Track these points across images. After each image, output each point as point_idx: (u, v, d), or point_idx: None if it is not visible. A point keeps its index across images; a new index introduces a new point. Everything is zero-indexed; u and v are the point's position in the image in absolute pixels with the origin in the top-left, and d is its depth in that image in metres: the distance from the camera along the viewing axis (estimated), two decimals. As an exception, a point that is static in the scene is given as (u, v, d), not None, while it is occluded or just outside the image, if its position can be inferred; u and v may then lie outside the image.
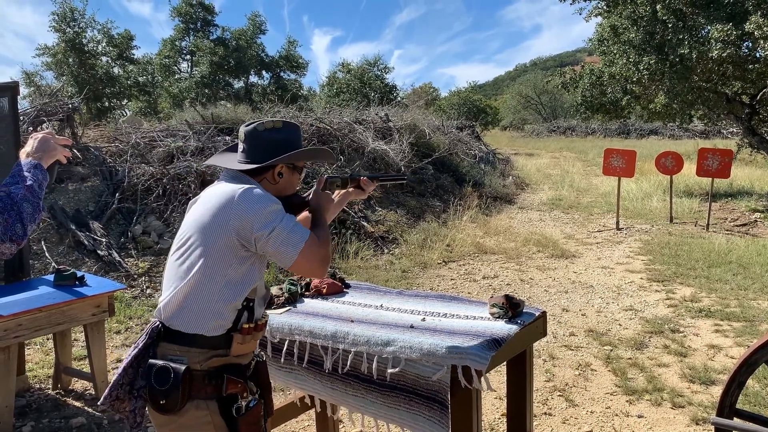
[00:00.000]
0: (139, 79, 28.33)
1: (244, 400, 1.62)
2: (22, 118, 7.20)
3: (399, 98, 26.34)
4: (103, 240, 6.16)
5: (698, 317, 5.11)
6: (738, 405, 2.44)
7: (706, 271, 6.58)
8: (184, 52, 31.65)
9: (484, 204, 10.69)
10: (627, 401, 3.61)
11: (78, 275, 3.49)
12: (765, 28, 8.99)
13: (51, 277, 3.56)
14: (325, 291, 2.50)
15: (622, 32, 11.46)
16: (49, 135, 1.67)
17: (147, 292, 5.68)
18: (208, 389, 1.57)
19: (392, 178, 2.35)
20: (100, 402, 1.66)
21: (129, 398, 1.63)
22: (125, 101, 28.88)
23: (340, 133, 10.37)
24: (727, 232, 8.92)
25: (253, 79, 32.16)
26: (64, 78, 24.78)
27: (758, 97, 12.14)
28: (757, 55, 10.37)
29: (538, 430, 3.29)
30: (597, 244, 8.33)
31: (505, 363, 2.16)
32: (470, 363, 1.82)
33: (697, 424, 3.31)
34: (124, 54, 27.76)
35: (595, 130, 34.52)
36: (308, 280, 2.56)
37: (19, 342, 3.16)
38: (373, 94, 25.61)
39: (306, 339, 2.18)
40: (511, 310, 2.08)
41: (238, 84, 31.78)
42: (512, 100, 48.86)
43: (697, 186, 12.30)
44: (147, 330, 1.63)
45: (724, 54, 9.65)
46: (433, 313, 2.21)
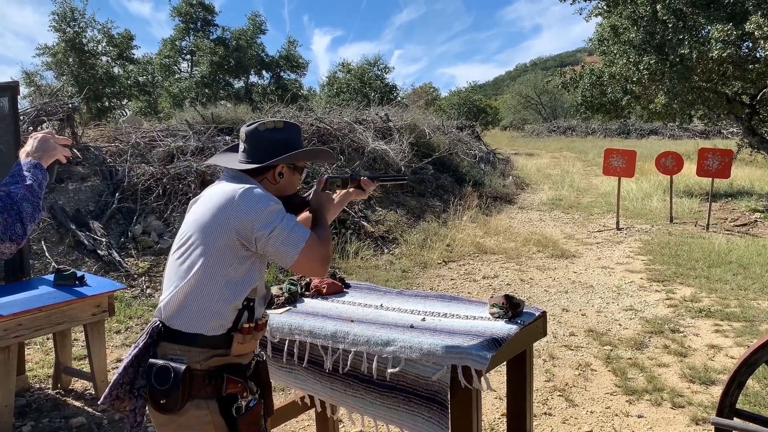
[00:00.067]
0: (139, 78, 28.35)
1: (244, 400, 1.62)
2: (22, 117, 7.20)
3: (399, 98, 26.33)
4: (103, 240, 6.16)
5: (698, 317, 5.11)
6: (738, 405, 2.44)
7: (706, 271, 6.58)
8: (184, 51, 31.67)
9: (484, 204, 10.69)
10: (627, 401, 3.61)
11: (78, 275, 3.49)
12: (765, 28, 8.99)
13: (51, 276, 3.56)
14: (325, 291, 2.50)
15: (622, 32, 11.47)
16: (48, 135, 1.67)
17: (147, 291, 5.68)
18: (209, 389, 1.57)
19: (393, 178, 2.34)
20: (100, 401, 1.66)
21: (129, 398, 1.63)
22: (125, 101, 28.89)
23: (340, 133, 10.37)
24: (727, 232, 8.92)
25: (253, 79, 32.20)
26: (64, 78, 24.81)
27: (758, 97, 12.14)
28: (758, 55, 10.37)
29: (538, 430, 3.29)
30: (597, 244, 8.33)
31: (505, 363, 2.16)
32: (470, 363, 1.82)
33: (697, 424, 3.31)
34: (124, 54, 27.78)
35: (595, 130, 34.53)
36: (308, 279, 2.56)
37: (19, 342, 3.16)
38: (373, 94, 25.61)
39: (306, 339, 2.18)
40: (511, 310, 2.08)
41: (238, 84, 31.80)
42: (512, 100, 48.86)
43: (697, 186, 12.30)
44: (147, 329, 1.63)
45: (725, 54, 9.65)
46: (433, 313, 2.21)
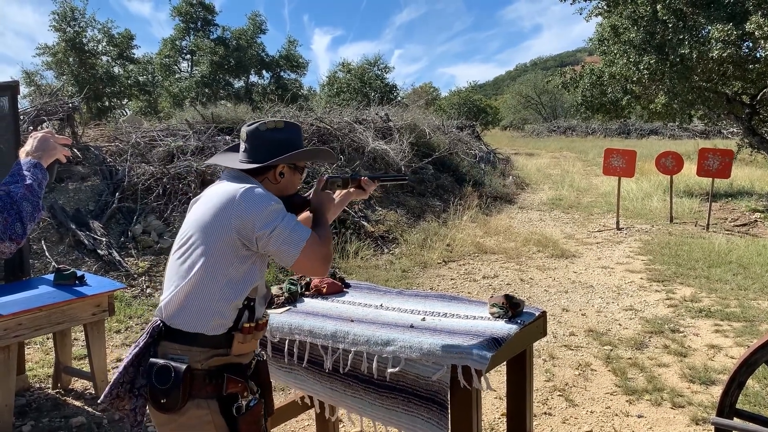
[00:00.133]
0: (140, 78, 28.36)
1: (244, 400, 1.62)
2: (22, 117, 7.20)
3: (399, 98, 26.32)
4: (103, 239, 6.16)
5: (698, 317, 5.11)
6: (738, 405, 2.44)
7: (706, 271, 6.58)
8: (185, 51, 31.67)
9: (484, 204, 10.69)
10: (627, 401, 3.61)
11: (78, 275, 3.49)
12: (765, 28, 8.99)
13: (51, 276, 3.56)
14: (325, 290, 2.50)
15: (622, 32, 11.46)
16: (48, 134, 1.66)
17: (147, 291, 5.68)
18: (209, 388, 1.57)
19: (393, 178, 2.34)
20: (100, 400, 1.66)
21: (129, 397, 1.63)
22: (125, 101, 28.90)
23: (341, 132, 10.36)
24: (727, 232, 8.92)
25: (254, 78, 32.20)
26: (65, 77, 24.81)
27: (758, 97, 12.14)
28: (758, 55, 10.37)
29: (538, 429, 3.29)
30: (597, 244, 8.33)
31: (505, 363, 2.16)
32: (470, 363, 1.81)
33: (697, 424, 3.31)
34: (124, 53, 27.79)
35: (595, 130, 34.52)
36: (308, 279, 2.56)
37: (19, 341, 3.16)
38: (373, 93, 25.59)
39: (306, 338, 2.18)
40: (511, 310, 2.08)
41: (239, 83, 31.81)
42: (512, 99, 48.84)
43: (697, 186, 12.30)
44: (148, 329, 1.63)
45: (725, 54, 9.65)
46: (433, 312, 2.21)
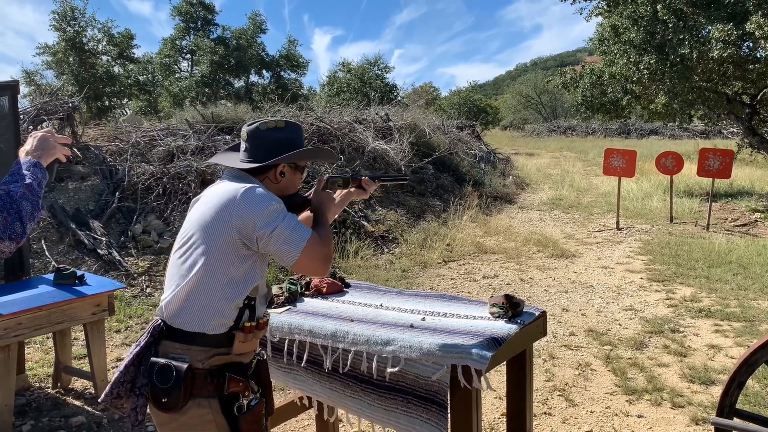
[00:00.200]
0: (140, 78, 28.33)
1: (245, 399, 1.62)
2: (22, 116, 7.20)
3: (399, 98, 26.29)
4: (103, 239, 6.16)
5: (698, 317, 5.11)
6: (738, 405, 2.44)
7: (706, 271, 6.58)
8: (185, 51, 31.66)
9: (484, 204, 10.69)
10: (627, 401, 3.61)
11: (78, 274, 3.49)
12: (765, 28, 8.98)
13: (51, 276, 3.56)
14: (325, 290, 2.50)
15: (622, 32, 11.46)
16: (48, 134, 1.67)
17: (147, 291, 5.68)
18: (210, 388, 1.57)
19: (394, 178, 2.34)
20: (100, 399, 1.66)
21: (130, 396, 1.63)
22: (125, 100, 28.88)
23: (341, 132, 10.36)
24: (727, 232, 8.92)
25: (254, 78, 32.17)
26: (65, 77, 24.80)
27: (758, 97, 12.13)
28: (758, 55, 10.37)
29: (538, 429, 3.29)
30: (597, 243, 8.33)
31: (504, 362, 2.16)
32: (470, 362, 1.81)
33: (696, 424, 3.31)
34: (124, 53, 27.76)
35: (595, 130, 34.51)
36: (308, 279, 2.56)
37: (18, 341, 3.16)
38: (373, 93, 25.58)
39: (306, 338, 2.18)
40: (511, 310, 2.08)
41: (239, 83, 31.79)
42: (512, 99, 48.83)
43: (698, 186, 12.30)
44: (149, 328, 1.63)
45: (725, 54, 9.65)
46: (433, 312, 2.21)
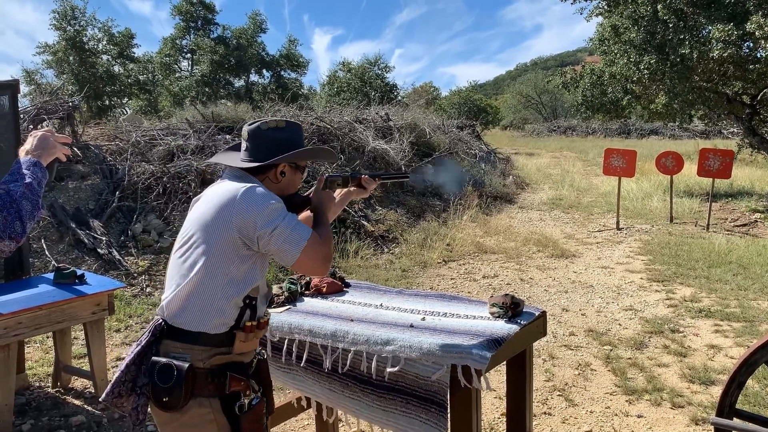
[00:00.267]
0: (140, 77, 28.35)
1: (246, 398, 1.62)
2: (22, 116, 7.20)
3: (399, 97, 26.30)
4: (103, 238, 6.16)
5: (698, 317, 5.11)
6: (738, 405, 2.44)
7: (706, 271, 6.58)
8: (185, 50, 31.67)
9: (485, 203, 10.69)
10: (627, 401, 3.61)
11: (78, 273, 3.49)
12: (766, 28, 8.98)
13: (51, 275, 3.55)
14: (325, 290, 2.50)
15: (622, 32, 11.45)
16: (48, 133, 1.66)
17: (147, 290, 5.68)
18: (211, 387, 1.57)
19: (395, 176, 2.34)
20: (101, 399, 1.66)
21: (131, 396, 1.63)
22: (125, 99, 28.90)
23: (341, 132, 10.36)
24: (727, 232, 8.92)
25: (254, 77, 32.19)
26: (65, 76, 24.81)
27: (759, 98, 12.13)
28: (758, 55, 10.36)
29: (538, 429, 3.29)
30: (597, 243, 8.32)
31: (504, 362, 2.16)
32: (470, 362, 1.81)
33: (696, 424, 3.31)
34: (124, 52, 27.78)
35: (595, 130, 34.50)
36: (308, 279, 2.56)
37: (18, 340, 3.16)
38: (373, 93, 25.57)
39: (306, 338, 2.18)
40: (511, 310, 2.08)
41: (239, 83, 31.80)
42: (513, 99, 48.81)
43: (698, 186, 12.30)
44: (150, 327, 1.63)
45: (725, 54, 9.64)
46: (433, 312, 2.21)
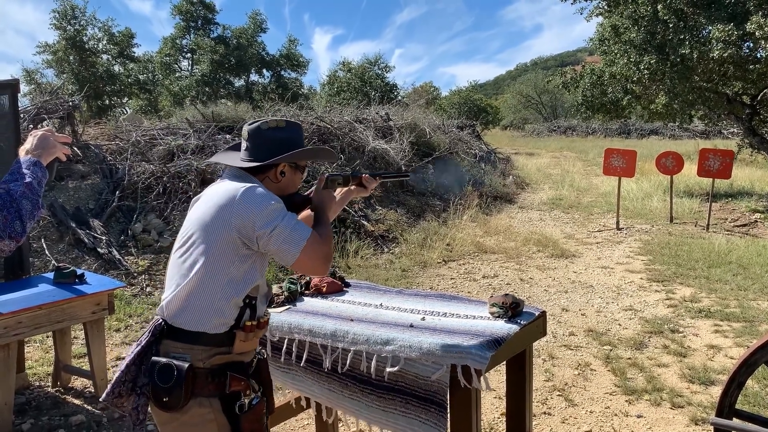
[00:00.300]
0: (140, 77, 28.35)
1: (247, 398, 1.62)
2: (22, 115, 7.20)
3: (399, 97, 26.31)
4: (103, 238, 6.16)
5: (698, 317, 5.11)
6: (737, 405, 2.44)
7: (706, 271, 6.58)
8: (185, 50, 31.66)
9: (485, 203, 10.69)
10: (626, 401, 3.61)
11: (78, 273, 3.49)
12: (766, 29, 8.98)
13: (51, 274, 3.55)
14: (324, 290, 2.50)
15: (623, 32, 11.45)
16: (48, 132, 1.66)
17: (147, 290, 5.68)
18: (211, 387, 1.57)
19: (395, 175, 2.35)
20: (101, 398, 1.66)
21: (131, 395, 1.63)
22: (126, 99, 28.89)
23: (341, 132, 10.36)
24: (727, 232, 8.92)
25: (254, 77, 32.17)
26: (65, 76, 24.80)
27: (759, 98, 12.12)
28: (758, 55, 10.35)
29: (537, 429, 3.29)
30: (597, 243, 8.32)
31: (504, 362, 2.16)
32: (470, 362, 1.81)
33: (696, 424, 3.31)
34: (124, 52, 27.77)
35: (595, 130, 34.49)
36: (308, 278, 2.56)
37: (18, 339, 3.16)
38: (373, 93, 25.57)
39: (305, 337, 2.18)
40: (511, 310, 2.08)
41: (239, 82, 31.79)
42: (513, 99, 48.81)
43: (698, 186, 12.30)
44: (150, 327, 1.63)
45: (725, 54, 9.63)
46: (432, 312, 2.21)
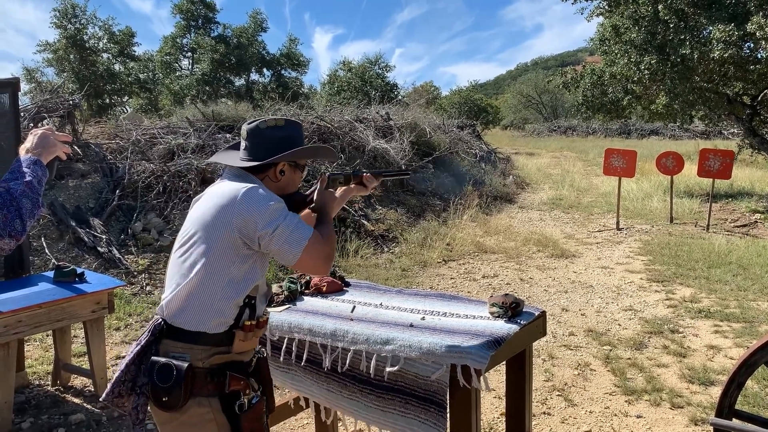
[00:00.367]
0: (140, 76, 28.37)
1: (246, 397, 1.62)
2: (22, 114, 7.20)
3: (400, 97, 26.33)
4: (103, 237, 6.16)
5: (698, 318, 5.11)
6: (737, 406, 2.44)
7: (706, 271, 6.58)
8: (185, 49, 31.68)
9: (485, 203, 10.69)
10: (626, 401, 3.61)
11: (78, 272, 3.49)
12: (766, 29, 8.98)
13: (51, 273, 3.55)
14: (324, 289, 2.50)
15: (623, 32, 11.45)
16: (48, 131, 1.66)
17: (147, 289, 5.68)
18: (211, 386, 1.57)
19: (396, 173, 2.34)
20: (101, 398, 1.66)
21: (131, 395, 1.63)
22: (126, 98, 28.92)
23: (341, 131, 10.36)
24: (727, 232, 8.92)
25: (254, 76, 32.20)
26: (65, 74, 24.83)
27: (759, 98, 12.12)
28: (759, 55, 10.35)
29: (537, 429, 3.29)
30: (597, 244, 8.32)
31: (504, 362, 2.16)
32: (470, 362, 1.81)
33: (695, 424, 3.31)
34: (125, 51, 27.80)
35: (595, 130, 34.49)
36: (308, 278, 2.56)
37: (18, 338, 3.16)
38: (374, 92, 25.59)
39: (305, 337, 2.17)
40: (511, 310, 2.08)
41: (239, 81, 31.81)
42: (513, 99, 48.80)
43: (698, 186, 12.30)
44: (149, 327, 1.63)
45: (726, 54, 9.63)
46: (432, 311, 2.21)
